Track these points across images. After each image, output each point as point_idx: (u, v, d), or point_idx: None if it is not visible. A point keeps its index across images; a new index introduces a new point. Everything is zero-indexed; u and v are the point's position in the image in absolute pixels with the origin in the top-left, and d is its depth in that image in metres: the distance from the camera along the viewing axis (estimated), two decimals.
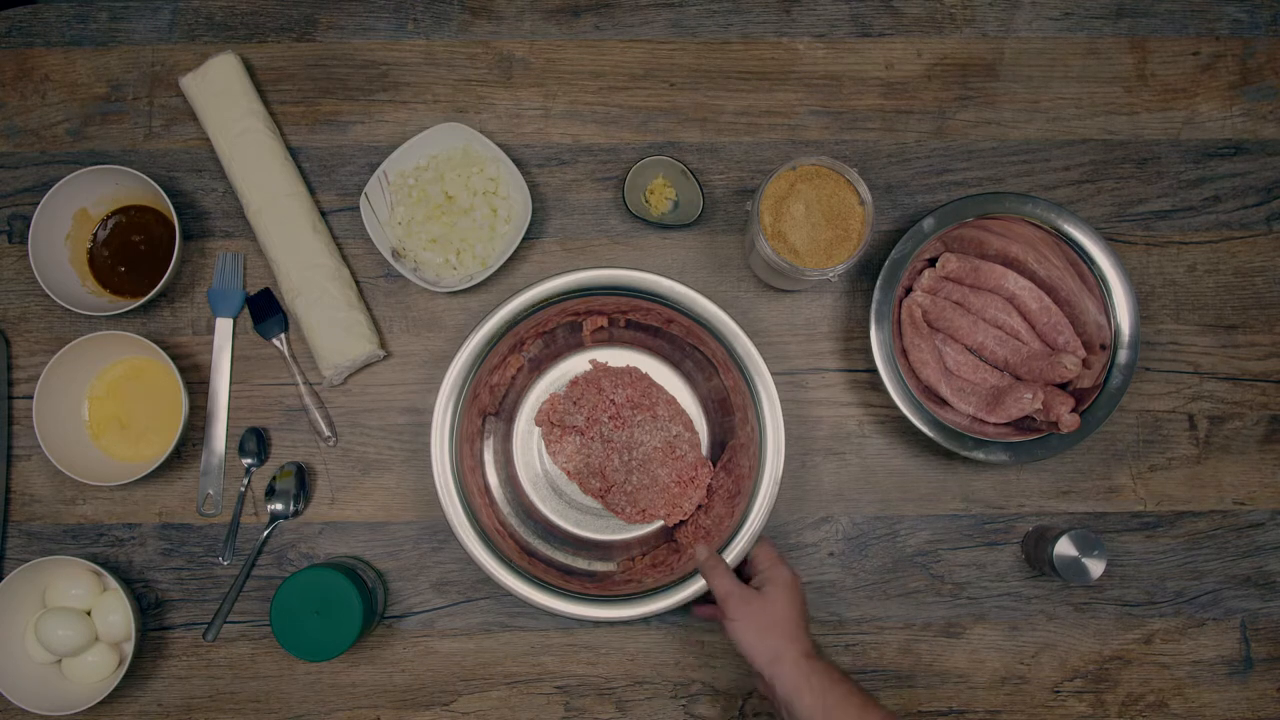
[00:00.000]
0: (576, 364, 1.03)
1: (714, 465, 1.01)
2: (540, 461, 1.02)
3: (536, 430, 1.02)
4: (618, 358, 1.03)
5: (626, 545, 1.01)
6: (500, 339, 0.96)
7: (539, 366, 1.03)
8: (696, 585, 0.93)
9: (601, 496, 1.01)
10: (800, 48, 1.07)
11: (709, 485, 1.00)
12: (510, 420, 1.02)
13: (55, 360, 0.97)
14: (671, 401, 1.01)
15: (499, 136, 1.06)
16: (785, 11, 1.07)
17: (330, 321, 0.99)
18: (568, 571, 0.98)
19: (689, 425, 1.01)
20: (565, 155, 1.06)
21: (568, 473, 1.01)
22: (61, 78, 1.06)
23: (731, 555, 0.93)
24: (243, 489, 1.02)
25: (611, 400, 1.00)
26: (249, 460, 1.01)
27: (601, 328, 1.02)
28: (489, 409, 1.00)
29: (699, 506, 1.00)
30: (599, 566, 1.00)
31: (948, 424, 0.96)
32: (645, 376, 1.02)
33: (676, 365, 1.03)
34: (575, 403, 1.01)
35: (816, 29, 1.07)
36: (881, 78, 1.07)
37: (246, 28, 1.07)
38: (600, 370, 1.02)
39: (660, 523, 1.01)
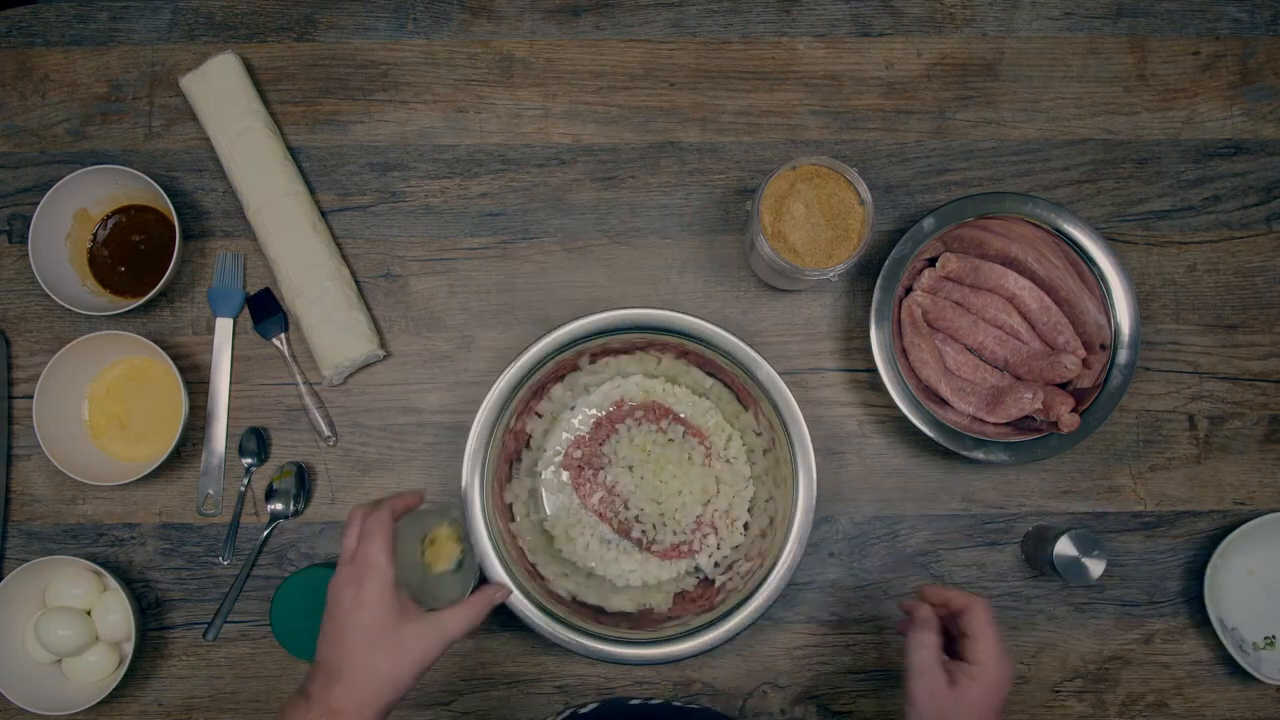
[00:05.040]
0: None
1: None
2: (571, 504, 1.02)
3: (565, 473, 1.02)
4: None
5: (661, 584, 1.01)
6: (521, 387, 0.95)
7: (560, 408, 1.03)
8: (732, 623, 0.92)
9: (635, 535, 1.00)
10: (800, 48, 1.07)
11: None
12: (536, 464, 1.02)
13: (55, 360, 0.97)
14: (697, 432, 1.01)
15: (499, 136, 1.06)
16: (785, 11, 1.07)
17: (330, 321, 0.99)
18: (600, 611, 0.97)
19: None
20: (565, 155, 1.06)
21: (600, 514, 1.01)
22: (61, 78, 1.06)
23: (768, 590, 0.93)
24: (243, 489, 1.02)
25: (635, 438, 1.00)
26: (249, 460, 1.01)
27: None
28: (515, 455, 1.00)
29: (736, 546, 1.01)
30: (636, 606, 0.99)
31: (948, 424, 0.96)
32: (668, 411, 1.01)
33: (702, 396, 1.02)
34: (600, 444, 1.01)
35: (816, 29, 1.07)
36: (881, 78, 1.07)
37: (246, 28, 1.07)
38: (622, 409, 1.02)
39: (694, 559, 1.01)
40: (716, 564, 1.00)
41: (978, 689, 0.76)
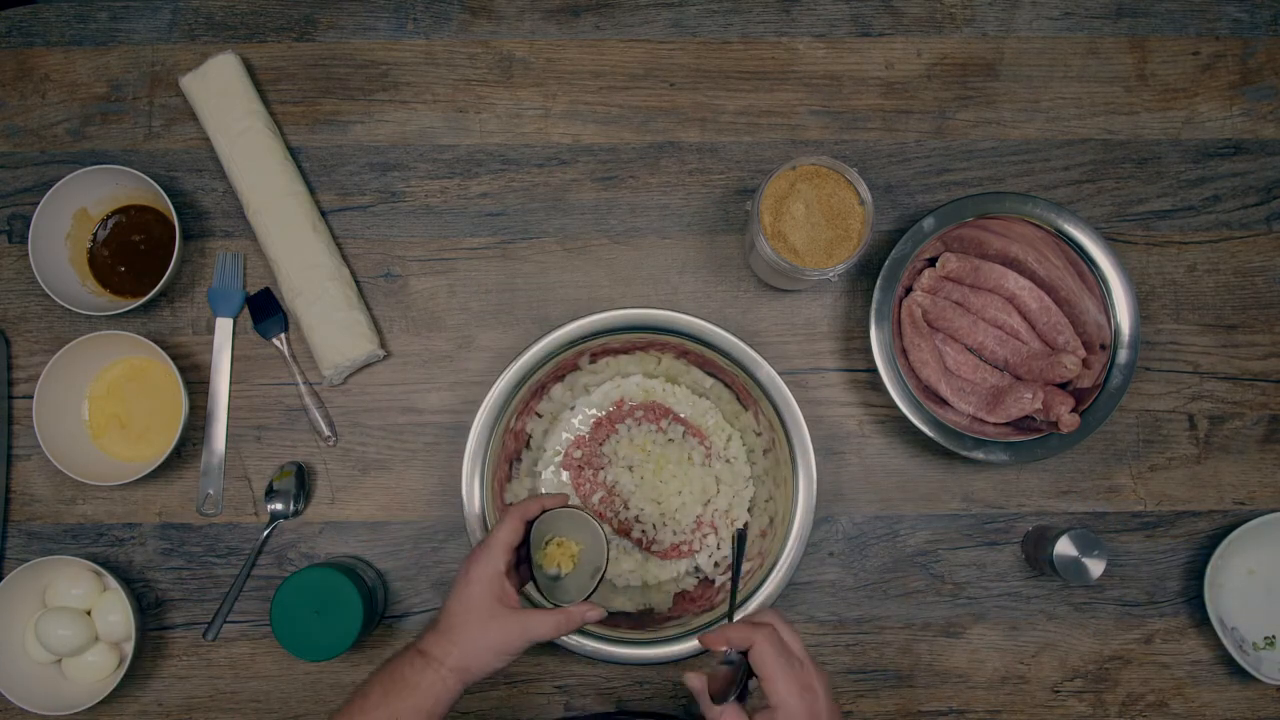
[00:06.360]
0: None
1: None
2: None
3: (565, 473, 1.02)
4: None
5: (661, 584, 1.01)
6: (521, 387, 0.95)
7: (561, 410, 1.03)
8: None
9: (635, 535, 1.00)
10: (800, 48, 1.07)
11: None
12: (536, 463, 1.02)
13: (55, 360, 0.97)
14: (697, 432, 1.01)
15: (499, 136, 1.06)
16: (785, 11, 1.07)
17: (330, 321, 0.99)
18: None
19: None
20: (565, 155, 1.06)
21: (600, 514, 1.01)
22: (61, 78, 1.06)
23: (768, 590, 0.93)
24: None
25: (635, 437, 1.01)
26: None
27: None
28: (515, 455, 1.00)
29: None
30: (636, 606, 0.99)
31: (948, 424, 0.96)
32: (668, 410, 1.01)
33: (702, 396, 1.02)
34: (600, 444, 1.01)
35: (816, 29, 1.07)
36: (881, 78, 1.07)
37: (246, 27, 1.07)
38: (622, 409, 1.02)
39: (694, 559, 1.01)
40: (716, 564, 1.00)
41: None
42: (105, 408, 1.02)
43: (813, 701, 0.72)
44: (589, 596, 0.85)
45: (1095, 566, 0.95)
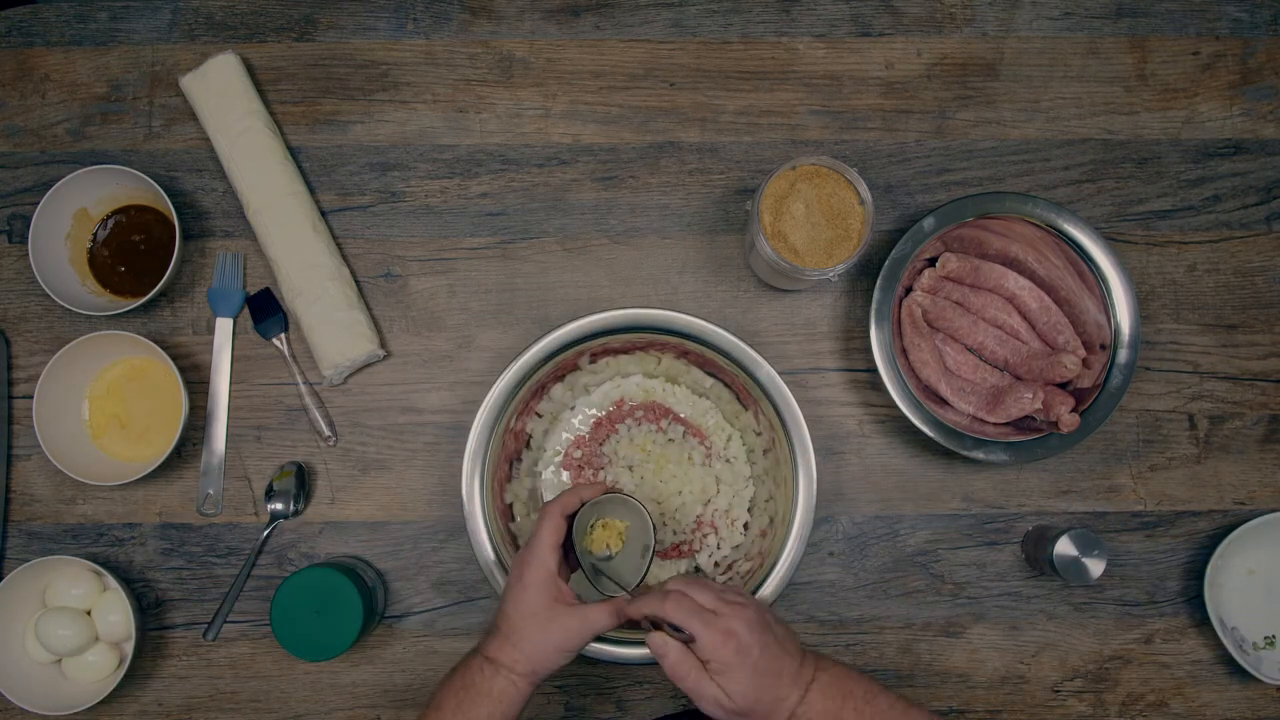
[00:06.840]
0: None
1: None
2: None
3: (565, 473, 1.02)
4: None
5: (660, 584, 1.00)
6: (521, 387, 0.96)
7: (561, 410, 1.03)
8: None
9: None
10: (800, 47, 1.07)
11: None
12: (536, 463, 1.02)
13: (55, 360, 0.97)
14: (697, 432, 1.01)
15: (499, 136, 1.06)
16: (785, 11, 1.07)
17: (330, 321, 0.99)
18: None
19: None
20: (565, 155, 1.06)
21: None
22: (61, 78, 1.06)
23: (768, 590, 0.94)
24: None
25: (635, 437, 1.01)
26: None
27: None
28: (515, 455, 1.00)
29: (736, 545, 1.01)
30: None
31: (948, 424, 0.96)
32: (668, 410, 1.01)
33: (702, 396, 1.02)
34: (600, 444, 1.01)
35: (816, 29, 1.07)
36: (881, 77, 1.07)
37: (246, 27, 1.07)
38: (622, 409, 1.02)
39: (694, 559, 1.01)
40: (716, 564, 1.00)
41: (732, 676, 0.77)
42: (105, 408, 1.02)
43: (735, 643, 0.76)
44: (645, 575, 0.87)
45: (1095, 566, 0.95)
